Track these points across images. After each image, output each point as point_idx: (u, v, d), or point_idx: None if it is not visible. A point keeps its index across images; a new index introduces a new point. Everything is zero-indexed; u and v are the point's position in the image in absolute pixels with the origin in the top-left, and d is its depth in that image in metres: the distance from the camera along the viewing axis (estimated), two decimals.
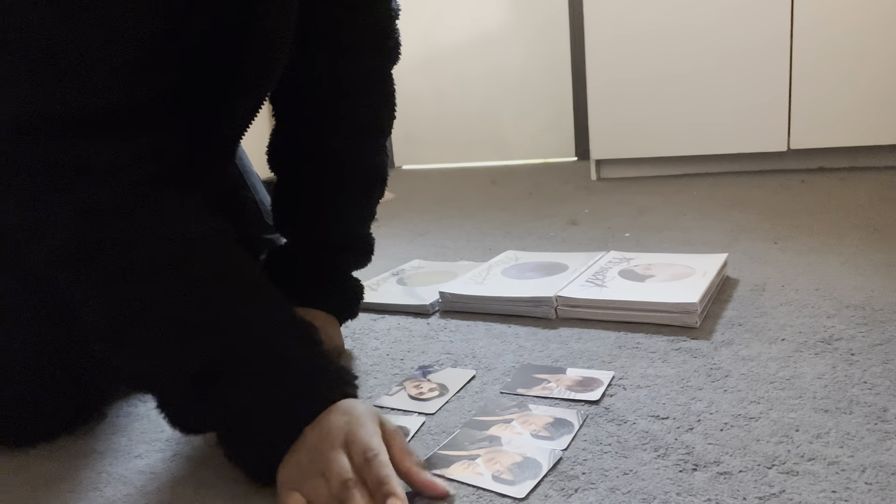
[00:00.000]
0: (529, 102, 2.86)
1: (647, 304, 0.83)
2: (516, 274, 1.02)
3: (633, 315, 0.84)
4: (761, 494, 0.48)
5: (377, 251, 0.89)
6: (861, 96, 1.76)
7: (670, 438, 0.56)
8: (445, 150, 3.06)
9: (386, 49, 0.83)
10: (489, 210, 1.76)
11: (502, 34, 2.83)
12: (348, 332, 0.91)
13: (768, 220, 1.31)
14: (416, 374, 0.75)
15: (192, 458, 0.61)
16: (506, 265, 1.08)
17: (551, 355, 0.77)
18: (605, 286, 0.90)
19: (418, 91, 2.97)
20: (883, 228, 1.16)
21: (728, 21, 1.84)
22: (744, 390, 0.64)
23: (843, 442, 0.53)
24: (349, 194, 0.84)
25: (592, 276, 0.96)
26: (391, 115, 0.87)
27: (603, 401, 0.64)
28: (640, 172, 2.07)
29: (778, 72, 1.82)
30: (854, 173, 1.74)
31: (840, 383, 0.63)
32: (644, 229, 1.34)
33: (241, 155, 0.99)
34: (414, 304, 0.97)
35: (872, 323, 0.77)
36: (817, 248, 1.09)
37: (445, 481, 0.52)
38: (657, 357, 0.73)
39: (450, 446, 0.58)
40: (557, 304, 0.89)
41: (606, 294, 0.87)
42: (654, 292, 0.85)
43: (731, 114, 1.89)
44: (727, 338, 0.76)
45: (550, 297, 0.89)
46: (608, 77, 2.00)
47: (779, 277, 0.96)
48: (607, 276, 0.95)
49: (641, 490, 0.50)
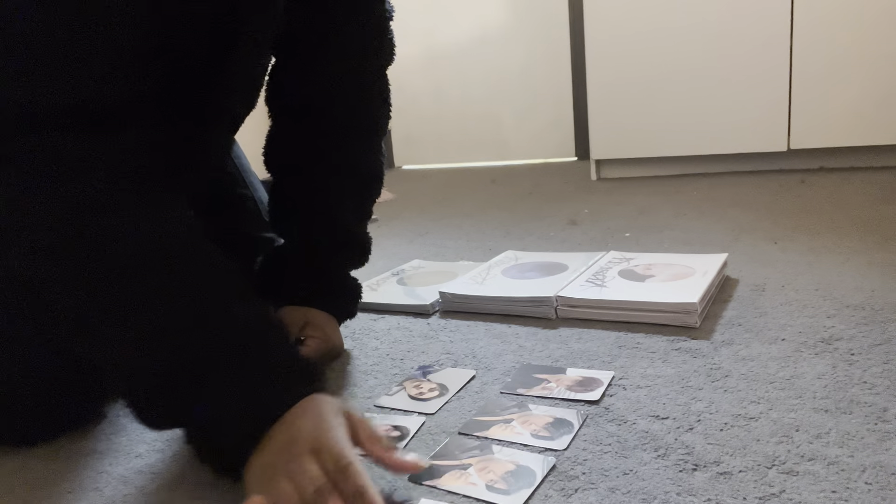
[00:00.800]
0: (529, 102, 2.86)
1: (647, 304, 0.83)
2: (516, 274, 1.02)
3: (633, 315, 0.84)
4: (761, 494, 0.48)
5: (377, 251, 0.89)
6: (861, 96, 1.76)
7: (670, 438, 0.56)
8: (445, 150, 3.06)
9: (380, 49, 0.83)
10: (489, 210, 1.76)
11: (502, 34, 2.83)
12: (348, 332, 0.91)
13: (768, 220, 1.31)
14: (416, 374, 0.75)
15: (192, 458, 0.61)
16: (506, 265, 1.08)
17: (551, 355, 0.77)
18: (606, 286, 0.90)
19: (418, 91, 2.97)
20: (883, 228, 1.16)
21: (728, 21, 1.84)
22: (744, 390, 0.64)
23: (843, 442, 0.53)
24: (345, 194, 0.84)
25: (592, 276, 0.96)
26: (387, 115, 0.87)
27: (603, 401, 0.64)
28: (640, 172, 2.07)
29: (778, 72, 1.82)
30: (854, 173, 1.74)
31: (840, 383, 0.63)
32: (644, 229, 1.34)
33: (238, 154, 0.99)
34: (414, 304, 0.97)
35: (872, 323, 0.77)
36: (817, 248, 1.09)
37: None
38: (657, 357, 0.73)
39: (440, 455, 0.58)
40: (557, 304, 0.89)
41: (607, 294, 0.87)
42: (655, 292, 0.85)
43: (731, 114, 1.89)
44: (727, 338, 0.76)
45: (551, 297, 0.89)
46: (608, 77, 2.00)
47: (779, 277, 0.96)
48: (607, 276, 0.95)
49: (641, 490, 0.50)
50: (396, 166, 3.26)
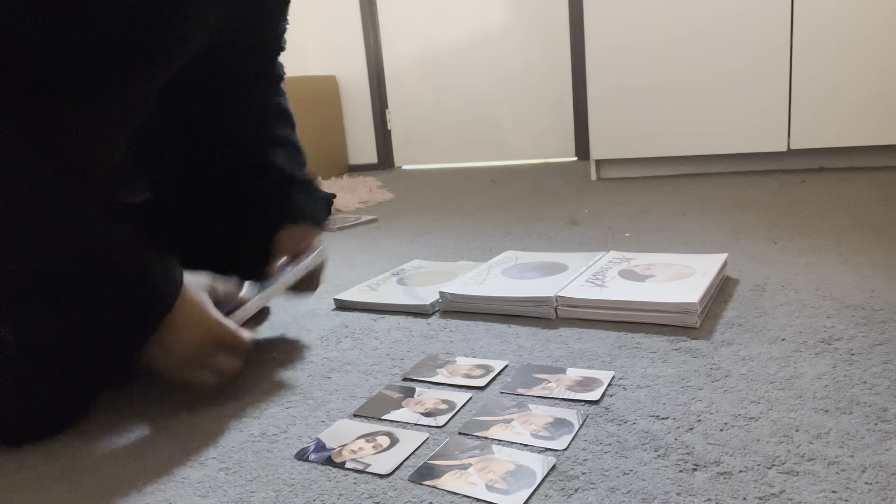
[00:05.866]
0: (529, 102, 2.86)
1: (647, 304, 0.83)
2: (516, 274, 1.02)
3: (633, 315, 0.84)
4: (761, 494, 0.48)
5: (377, 251, 0.89)
6: (861, 96, 1.76)
7: (670, 438, 0.56)
8: (445, 150, 3.06)
9: None
10: (489, 210, 1.76)
11: (502, 34, 2.83)
12: (348, 332, 0.91)
13: (768, 220, 1.31)
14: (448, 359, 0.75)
15: (192, 458, 0.61)
16: (506, 265, 1.08)
17: (551, 355, 0.77)
18: (606, 286, 0.90)
19: (418, 91, 2.97)
20: (883, 228, 1.16)
21: (728, 21, 1.84)
22: (744, 390, 0.64)
23: (843, 442, 0.53)
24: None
25: (592, 276, 0.96)
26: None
27: (603, 401, 0.64)
28: (640, 172, 2.07)
29: (778, 72, 1.82)
30: (854, 173, 1.74)
31: (840, 383, 0.63)
32: (644, 229, 1.34)
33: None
34: (414, 304, 0.97)
35: (872, 323, 0.77)
36: (817, 248, 1.09)
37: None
38: (657, 357, 0.73)
39: (440, 455, 0.58)
40: (558, 304, 0.89)
41: (607, 294, 0.87)
42: (655, 292, 0.85)
43: (731, 114, 1.89)
44: (727, 338, 0.76)
45: (551, 297, 0.89)
46: (608, 77, 2.00)
47: (779, 277, 0.96)
48: (607, 276, 0.95)
49: (641, 490, 0.50)
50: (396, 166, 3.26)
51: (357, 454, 0.59)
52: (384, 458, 0.57)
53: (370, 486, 0.54)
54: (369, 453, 0.59)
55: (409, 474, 0.55)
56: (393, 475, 0.55)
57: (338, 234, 1.70)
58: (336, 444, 0.61)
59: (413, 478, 0.54)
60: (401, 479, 0.54)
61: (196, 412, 0.70)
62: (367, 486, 0.54)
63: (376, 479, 0.55)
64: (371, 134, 3.38)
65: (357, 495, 0.53)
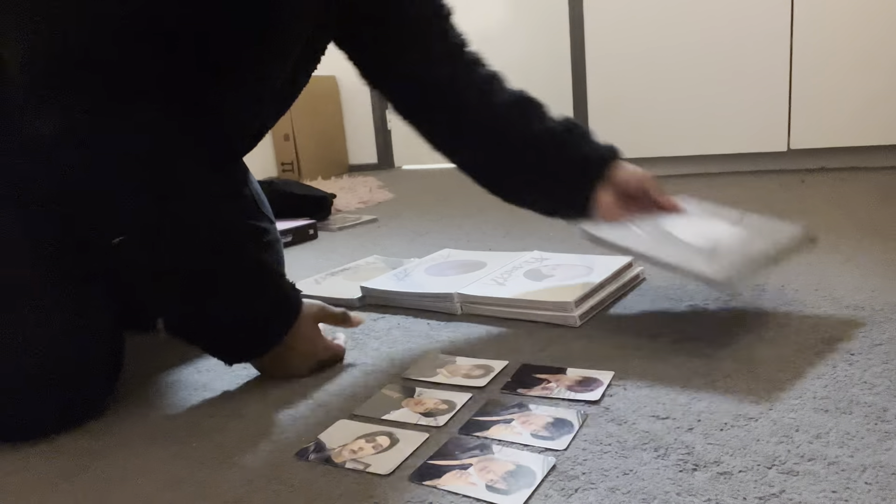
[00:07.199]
0: None
1: (530, 302, 0.88)
2: (437, 271, 1.08)
3: (521, 312, 0.89)
4: (761, 494, 0.48)
5: (375, 250, 0.89)
6: (861, 96, 1.76)
7: (670, 438, 0.56)
8: None
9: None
10: (489, 210, 1.76)
11: (502, 34, 2.83)
12: (348, 332, 0.91)
13: None
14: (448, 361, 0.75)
15: (192, 458, 0.61)
16: (432, 263, 1.14)
17: (551, 355, 0.77)
18: (504, 284, 0.95)
19: None
20: (883, 228, 1.16)
21: (728, 21, 1.84)
22: (744, 390, 0.64)
23: (843, 442, 0.53)
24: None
25: (500, 274, 1.01)
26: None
27: (603, 401, 0.64)
28: None
29: (778, 72, 1.82)
30: (854, 173, 1.74)
31: (840, 383, 0.63)
32: None
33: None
34: (343, 297, 1.03)
35: (872, 323, 0.77)
36: (817, 248, 1.09)
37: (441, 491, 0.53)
38: (657, 357, 0.73)
39: (440, 455, 0.58)
40: (458, 301, 0.94)
41: (501, 292, 0.92)
42: (542, 292, 0.90)
43: (731, 114, 1.89)
44: (727, 338, 0.76)
45: (452, 294, 0.94)
46: (608, 77, 2.00)
47: (779, 277, 0.96)
48: (512, 276, 0.99)
49: (641, 490, 0.50)
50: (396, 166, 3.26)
51: (357, 454, 0.59)
52: (384, 458, 0.57)
53: (370, 486, 0.54)
54: (369, 453, 0.59)
55: (409, 474, 0.55)
56: (393, 475, 0.55)
57: (338, 233, 1.70)
58: (336, 444, 0.61)
59: (413, 478, 0.54)
60: (401, 479, 0.54)
61: (196, 412, 0.70)
62: (367, 486, 0.54)
63: (376, 479, 0.55)
64: (371, 134, 3.38)
65: (357, 495, 0.53)
